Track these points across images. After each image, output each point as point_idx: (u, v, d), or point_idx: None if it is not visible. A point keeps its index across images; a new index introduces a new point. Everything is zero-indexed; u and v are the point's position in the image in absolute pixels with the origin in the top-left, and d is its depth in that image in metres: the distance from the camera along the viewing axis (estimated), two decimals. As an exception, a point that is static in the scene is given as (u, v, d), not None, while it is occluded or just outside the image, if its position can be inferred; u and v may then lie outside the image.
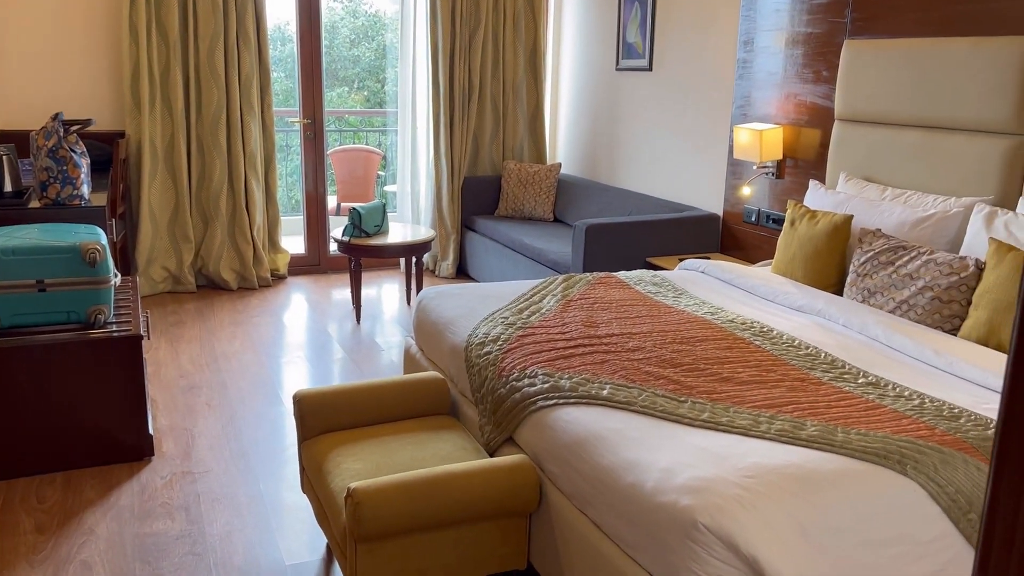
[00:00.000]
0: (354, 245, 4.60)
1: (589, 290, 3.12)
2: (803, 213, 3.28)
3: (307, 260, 5.86)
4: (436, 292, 3.10)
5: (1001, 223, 2.71)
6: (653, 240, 4.32)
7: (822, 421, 2.00)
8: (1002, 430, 0.76)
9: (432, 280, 5.73)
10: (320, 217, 5.80)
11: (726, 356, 2.44)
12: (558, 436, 2.07)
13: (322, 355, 4.25)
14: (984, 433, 1.94)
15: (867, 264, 2.93)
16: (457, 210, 5.76)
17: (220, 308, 5.00)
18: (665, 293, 3.14)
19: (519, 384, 2.30)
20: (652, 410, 2.05)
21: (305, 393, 2.53)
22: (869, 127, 3.44)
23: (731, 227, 4.40)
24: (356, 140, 8.02)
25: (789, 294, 3.04)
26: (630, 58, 5.21)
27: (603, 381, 2.23)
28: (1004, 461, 0.79)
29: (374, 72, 9.17)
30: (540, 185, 5.61)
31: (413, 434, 2.46)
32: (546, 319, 2.76)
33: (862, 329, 2.69)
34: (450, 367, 2.75)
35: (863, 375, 2.32)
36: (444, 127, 5.62)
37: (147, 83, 4.92)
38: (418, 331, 3.08)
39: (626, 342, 2.54)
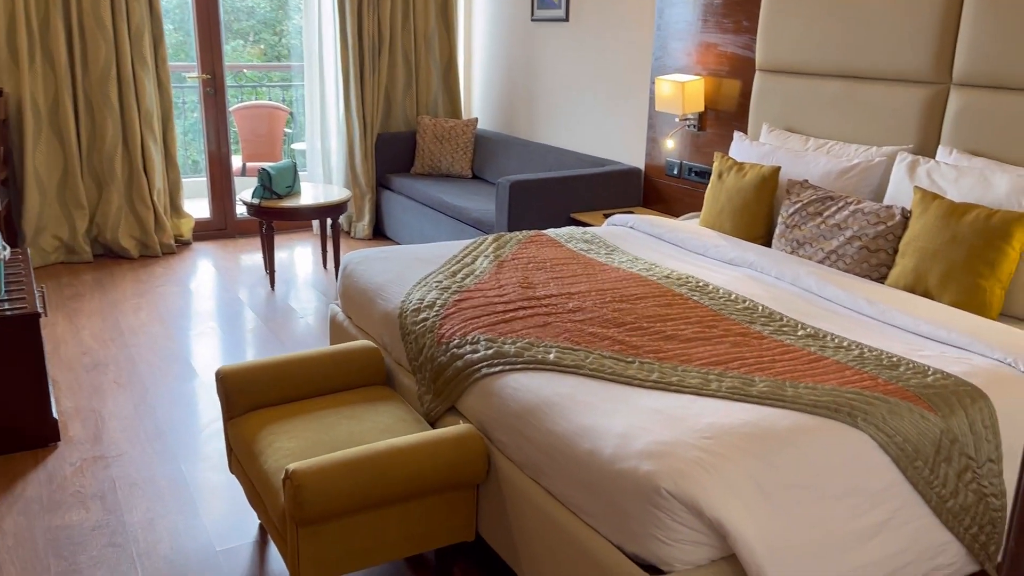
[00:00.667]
0: (265, 208, 4.37)
1: (521, 249, 3.04)
2: (730, 165, 3.28)
3: (213, 225, 5.56)
4: (362, 256, 2.96)
5: (924, 171, 2.75)
6: (577, 196, 4.27)
7: (770, 376, 1.99)
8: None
9: (348, 242, 5.54)
10: (225, 179, 5.50)
11: (667, 313, 2.41)
12: (506, 404, 2.00)
13: (236, 324, 4.04)
14: (923, 381, 1.97)
15: (795, 215, 2.95)
16: (371, 168, 5.56)
17: (121, 278, 4.69)
18: (597, 250, 3.09)
19: (461, 351, 2.21)
20: (601, 373, 2.00)
21: (229, 369, 2.37)
22: (790, 77, 3.44)
23: (653, 181, 4.39)
24: (257, 96, 7.63)
25: (720, 247, 3.04)
26: (546, 8, 5.09)
27: (548, 345, 2.16)
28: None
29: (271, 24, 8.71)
30: (457, 141, 5.46)
31: (349, 407, 2.34)
32: (481, 281, 2.66)
33: (794, 280, 2.70)
34: (383, 335, 2.63)
35: (802, 327, 2.33)
36: (354, 81, 5.38)
37: (25, 36, 4.50)
38: (345, 298, 2.94)
39: (566, 303, 2.48)
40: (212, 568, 2.27)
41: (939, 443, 1.85)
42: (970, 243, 2.40)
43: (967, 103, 2.79)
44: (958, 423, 1.88)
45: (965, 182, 2.61)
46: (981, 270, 2.39)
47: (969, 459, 1.89)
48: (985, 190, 2.54)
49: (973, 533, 1.91)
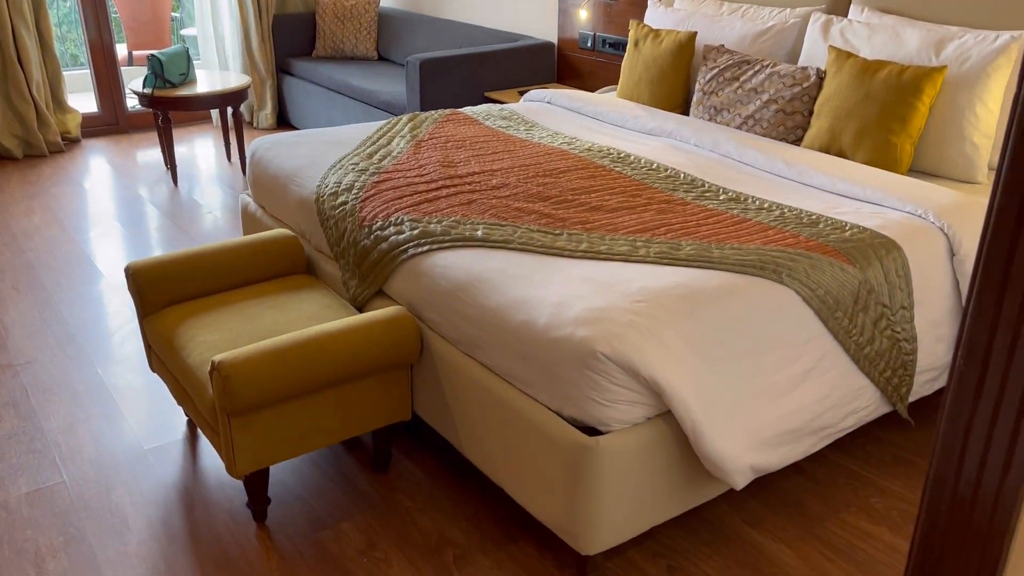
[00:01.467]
0: (159, 98, 4.09)
1: (437, 129, 2.95)
2: (646, 33, 3.21)
3: (103, 119, 5.19)
4: (272, 142, 2.81)
5: (837, 31, 2.76)
6: (489, 73, 4.14)
7: (696, 240, 2.01)
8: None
9: (252, 133, 5.27)
10: (111, 69, 5.10)
11: (591, 185, 2.39)
12: (436, 283, 1.96)
13: (139, 222, 3.84)
14: (842, 235, 2.03)
15: (712, 82, 2.94)
16: (270, 52, 5.24)
17: (7, 180, 4.37)
18: (516, 127, 3.02)
19: (384, 233, 2.15)
20: (530, 246, 1.98)
21: (139, 265, 2.25)
22: (704, -61, 3.35)
23: (567, 55, 4.28)
24: (137, -22, 7.02)
25: (639, 118, 3.01)
26: None
27: (475, 222, 2.12)
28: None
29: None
30: (359, 20, 5.19)
31: (271, 297, 2.27)
32: (400, 162, 2.57)
33: (714, 147, 2.71)
34: (300, 222, 2.53)
35: (723, 191, 2.35)
36: (244, -43, 4.99)
37: None
38: (255, 186, 2.80)
39: (489, 179, 2.42)
40: (142, 467, 2.22)
41: (857, 294, 1.92)
42: (882, 100, 2.44)
43: (879, -40, 2.77)
44: (874, 274, 1.95)
45: (877, 39, 2.63)
46: (893, 126, 2.43)
47: (884, 307, 1.97)
48: (897, 47, 2.57)
49: (887, 377, 2.02)
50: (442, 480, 2.17)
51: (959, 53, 2.43)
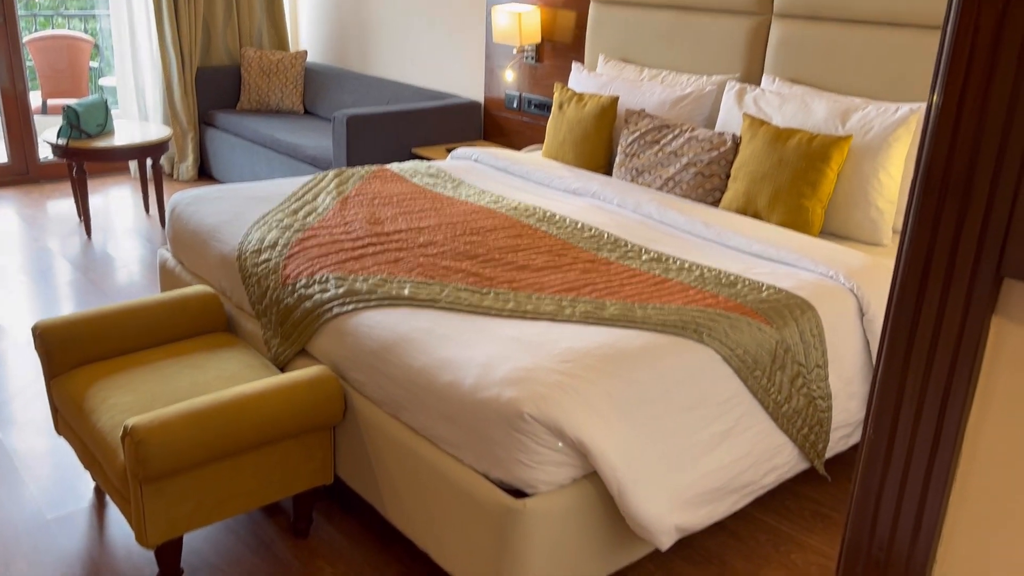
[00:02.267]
0: (74, 149, 3.98)
1: (364, 185, 2.94)
2: (570, 96, 3.30)
3: (12, 169, 5.01)
4: (193, 196, 2.76)
5: (751, 99, 2.89)
6: (417, 130, 4.17)
7: (620, 300, 2.05)
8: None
9: (171, 184, 5.16)
10: (23, 118, 4.94)
11: (517, 244, 2.42)
12: (361, 342, 1.94)
13: (48, 277, 3.69)
14: (759, 296, 2.10)
15: (634, 144, 3.03)
16: (192, 105, 5.17)
17: (-96, 232, 4.15)
18: (443, 184, 3.04)
19: (309, 291, 2.12)
20: (458, 305, 1.98)
21: (48, 324, 2.16)
22: (624, 8, 3.49)
23: (493, 114, 4.36)
24: (54, 26, 6.88)
25: (564, 178, 3.07)
26: (374, -67, 4.86)
27: (402, 280, 2.11)
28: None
29: (64, -55, 7.83)
30: (286, 75, 5.18)
31: (188, 356, 2.20)
32: (325, 219, 2.56)
33: (636, 208, 2.78)
34: (221, 279, 2.48)
35: (645, 252, 2.41)
36: (168, 10, 4.94)
37: None
38: (175, 242, 2.73)
39: (416, 237, 2.42)
40: (45, 537, 2.09)
41: (775, 353, 1.97)
42: (794, 166, 2.56)
43: (787, 33, 2.93)
44: (790, 333, 2.02)
45: (788, 108, 2.76)
46: (804, 191, 2.55)
47: (800, 366, 2.03)
48: (806, 116, 2.70)
49: (804, 434, 2.07)
50: (365, 545, 2.12)
51: (863, 123, 2.57)
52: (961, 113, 0.74)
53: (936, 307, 0.80)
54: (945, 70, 0.74)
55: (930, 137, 0.78)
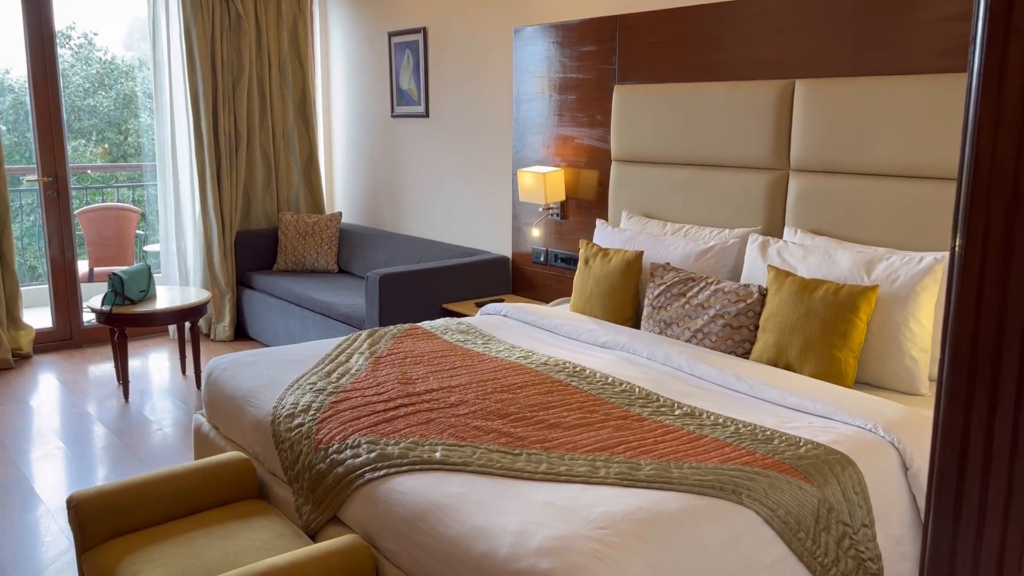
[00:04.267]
0: (117, 315, 4.11)
1: (396, 344, 2.99)
2: (595, 251, 3.38)
3: (56, 335, 5.17)
4: (229, 361, 2.81)
5: (774, 251, 2.94)
6: (447, 286, 4.27)
7: (655, 459, 2.01)
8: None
9: (208, 345, 5.27)
10: (70, 286, 5.15)
11: (548, 401, 2.41)
12: (393, 510, 1.91)
13: (85, 442, 3.72)
14: (797, 452, 2.05)
15: (661, 297, 3.07)
16: (231, 267, 5.37)
17: (-51, 400, 4.25)
18: (474, 340, 3.08)
19: (341, 456, 2.12)
20: (490, 468, 1.96)
21: (83, 495, 2.16)
22: (644, 166, 3.63)
23: (521, 268, 4.46)
24: (104, 197, 7.28)
25: (592, 331, 3.10)
26: (405, 104, 5.18)
27: (433, 443, 2.10)
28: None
29: (116, 123, 8.43)
30: (321, 236, 5.38)
31: (220, 526, 2.18)
32: (358, 380, 2.58)
33: (666, 360, 2.78)
34: (254, 444, 2.48)
35: (678, 406, 2.39)
36: (211, 179, 5.23)
37: None
38: (210, 407, 2.77)
39: (447, 396, 2.44)
40: None
41: (817, 513, 1.91)
42: (823, 317, 2.56)
43: (805, 187, 3.02)
44: (832, 491, 1.96)
45: (812, 260, 2.80)
46: (835, 341, 2.54)
47: (845, 526, 1.96)
48: (831, 266, 2.74)
49: (856, 598, 1.97)
50: None
51: (888, 273, 2.60)
52: (987, 259, 0.75)
53: (981, 464, 0.79)
54: (965, 215, 0.75)
55: (955, 307, 0.79)
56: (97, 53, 8.46)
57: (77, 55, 8.43)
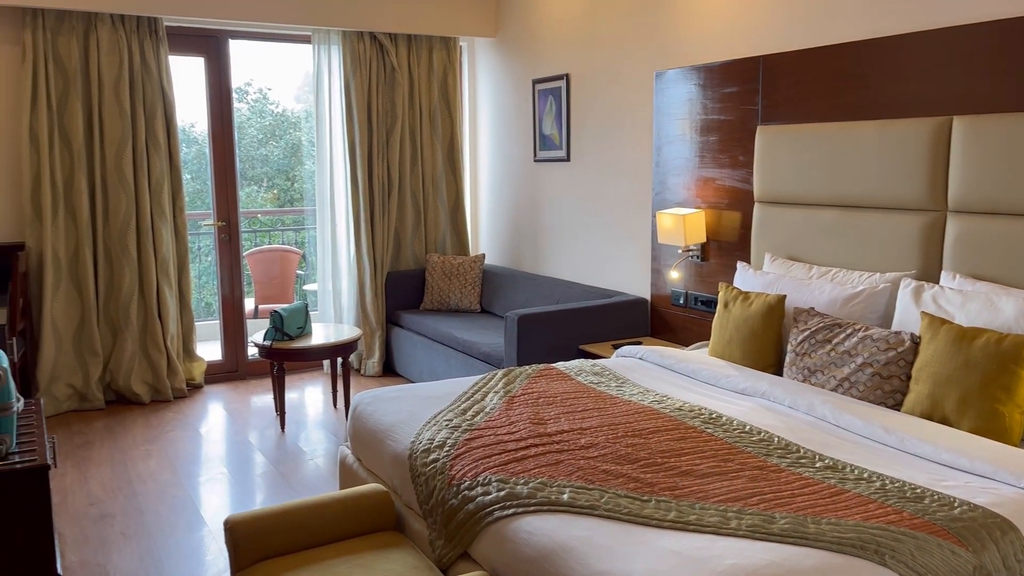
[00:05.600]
0: (276, 349, 4.40)
1: (531, 384, 3.04)
2: (735, 295, 3.31)
3: (225, 367, 5.59)
4: (372, 396, 2.95)
5: (929, 297, 2.77)
6: (585, 327, 4.29)
7: (791, 512, 1.94)
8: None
9: (358, 379, 5.54)
10: (237, 321, 5.57)
11: (681, 447, 2.37)
12: (520, 549, 1.94)
13: (245, 468, 3.99)
14: (951, 514, 1.91)
15: (804, 343, 2.95)
16: (381, 306, 5.64)
17: (132, 424, 4.68)
18: (607, 383, 3.08)
19: (472, 493, 2.17)
20: (617, 513, 1.95)
21: (238, 519, 2.33)
22: (788, 208, 3.53)
23: (660, 311, 4.42)
24: (271, 240, 7.84)
25: (731, 377, 3.02)
26: (547, 149, 5.29)
27: (562, 484, 2.12)
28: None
29: (284, 170, 9.09)
30: (465, 277, 5.56)
31: (358, 555, 2.28)
32: (492, 418, 2.64)
33: (809, 410, 2.67)
34: (393, 478, 2.59)
35: (820, 458, 2.28)
36: (365, 223, 5.54)
37: (49, 192, 4.70)
38: (354, 439, 2.91)
39: (578, 438, 2.45)
40: None
41: (973, 580, 1.77)
42: (983, 368, 2.39)
43: (965, 229, 2.84)
44: (990, 558, 1.81)
45: (972, 307, 2.62)
46: (998, 395, 2.36)
47: (1006, 596, 1.80)
48: (993, 314, 2.55)
49: (1020, 678, 1.80)
50: None
51: (1059, 320, 2.39)
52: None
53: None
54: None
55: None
56: (270, 106, 9.20)
57: (253, 108, 9.20)
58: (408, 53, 5.67)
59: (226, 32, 5.34)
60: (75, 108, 4.74)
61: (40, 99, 4.64)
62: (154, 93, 4.93)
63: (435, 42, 5.75)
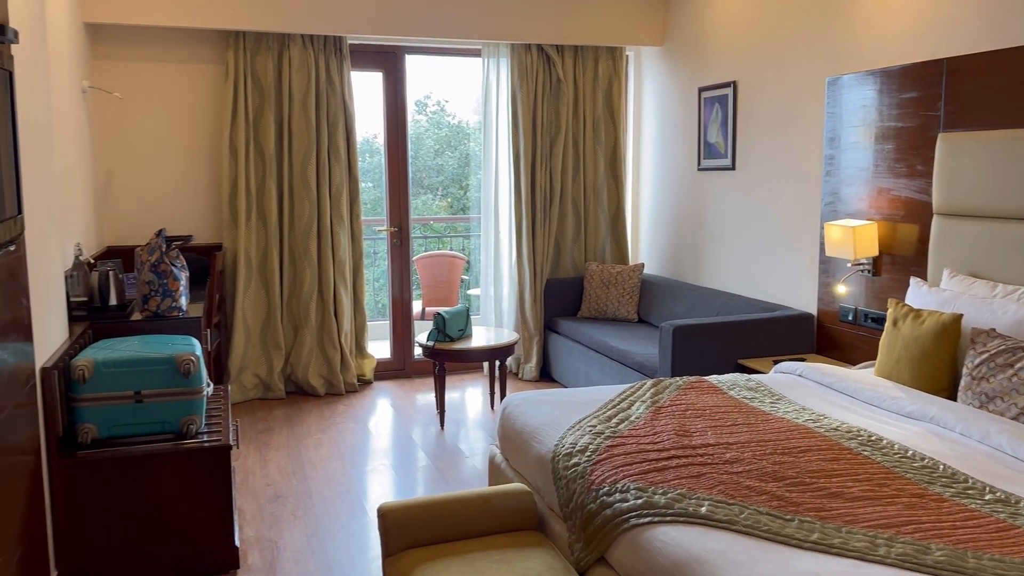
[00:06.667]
0: (438, 350, 4.60)
1: (680, 396, 3.01)
2: (905, 312, 3.12)
3: (393, 365, 5.90)
4: (521, 399, 3.03)
5: None
6: (744, 341, 4.18)
7: (948, 544, 1.81)
8: None
9: (515, 383, 5.67)
10: (405, 322, 5.86)
11: (833, 468, 2.28)
12: (654, 558, 1.94)
13: (407, 463, 4.20)
14: None
15: (982, 367, 2.74)
16: (540, 312, 5.74)
17: (308, 414, 5.04)
18: (761, 398, 2.99)
19: (610, 499, 2.19)
20: (756, 530, 1.90)
21: (390, 507, 2.47)
22: (972, 221, 3.28)
23: (827, 327, 4.22)
24: (441, 245, 8.18)
25: (897, 399, 2.85)
26: (712, 158, 5.20)
27: (701, 497, 2.09)
28: None
29: (458, 179, 9.46)
30: (623, 286, 5.56)
31: (500, 551, 2.35)
32: (636, 427, 2.65)
33: (983, 438, 2.48)
34: (536, 479, 2.65)
35: (990, 490, 2.12)
36: (526, 231, 5.68)
37: (244, 198, 5.16)
38: (503, 440, 3.00)
39: (723, 453, 2.40)
40: None
41: None
42: None
43: None
44: None
45: None
46: None
47: None
48: None
49: None
50: None
51: None
52: None
53: None
54: None
55: None
56: (447, 118, 9.61)
57: (431, 120, 9.65)
58: (574, 64, 5.75)
59: (403, 48, 5.66)
60: (268, 121, 5.18)
61: (239, 113, 5.11)
62: (336, 107, 5.30)
63: (601, 52, 5.80)
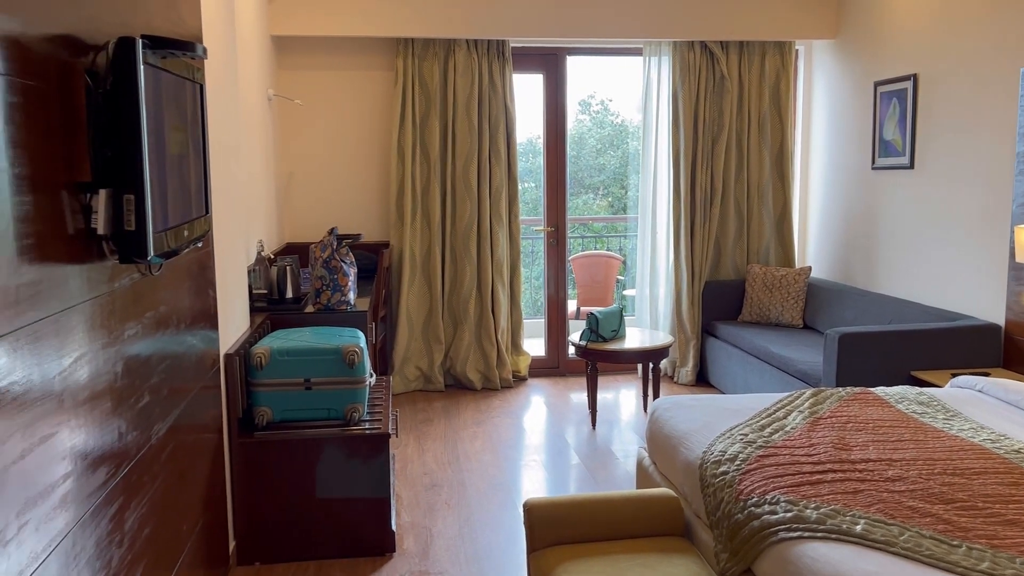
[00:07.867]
0: (591, 350, 4.62)
1: (842, 407, 2.86)
2: (1108, 326, 2.81)
3: (547, 363, 5.97)
4: (671, 403, 2.99)
5: None
6: (919, 352, 3.91)
7: None
8: None
9: (670, 387, 5.59)
10: (560, 321, 5.92)
11: (1011, 494, 2.10)
12: (802, 575, 1.86)
13: (558, 461, 4.24)
14: None
15: None
16: (697, 315, 5.62)
17: (464, 407, 5.20)
18: (934, 414, 2.79)
19: (758, 511, 2.13)
20: (917, 554, 1.79)
21: (536, 502, 2.52)
22: None
23: (1016, 339, 3.87)
24: (599, 245, 8.19)
25: (1093, 422, 2.58)
26: (888, 156, 4.89)
27: (856, 514, 1.99)
28: None
29: (618, 179, 9.42)
30: (788, 290, 5.33)
31: (643, 555, 2.34)
32: (791, 438, 2.55)
33: None
34: (684, 485, 2.61)
35: None
36: (684, 231, 5.57)
37: (410, 198, 5.40)
38: (651, 443, 2.98)
39: (885, 470, 2.27)
40: None
41: None
42: None
43: None
44: None
45: None
46: None
47: None
48: None
49: None
50: None
51: None
52: None
53: None
54: None
55: None
56: (611, 117, 9.61)
57: (594, 119, 9.68)
58: (739, 60, 5.58)
59: (564, 49, 5.71)
60: (434, 124, 5.39)
61: (407, 117, 5.36)
62: (498, 109, 5.43)
63: (768, 47, 5.60)
